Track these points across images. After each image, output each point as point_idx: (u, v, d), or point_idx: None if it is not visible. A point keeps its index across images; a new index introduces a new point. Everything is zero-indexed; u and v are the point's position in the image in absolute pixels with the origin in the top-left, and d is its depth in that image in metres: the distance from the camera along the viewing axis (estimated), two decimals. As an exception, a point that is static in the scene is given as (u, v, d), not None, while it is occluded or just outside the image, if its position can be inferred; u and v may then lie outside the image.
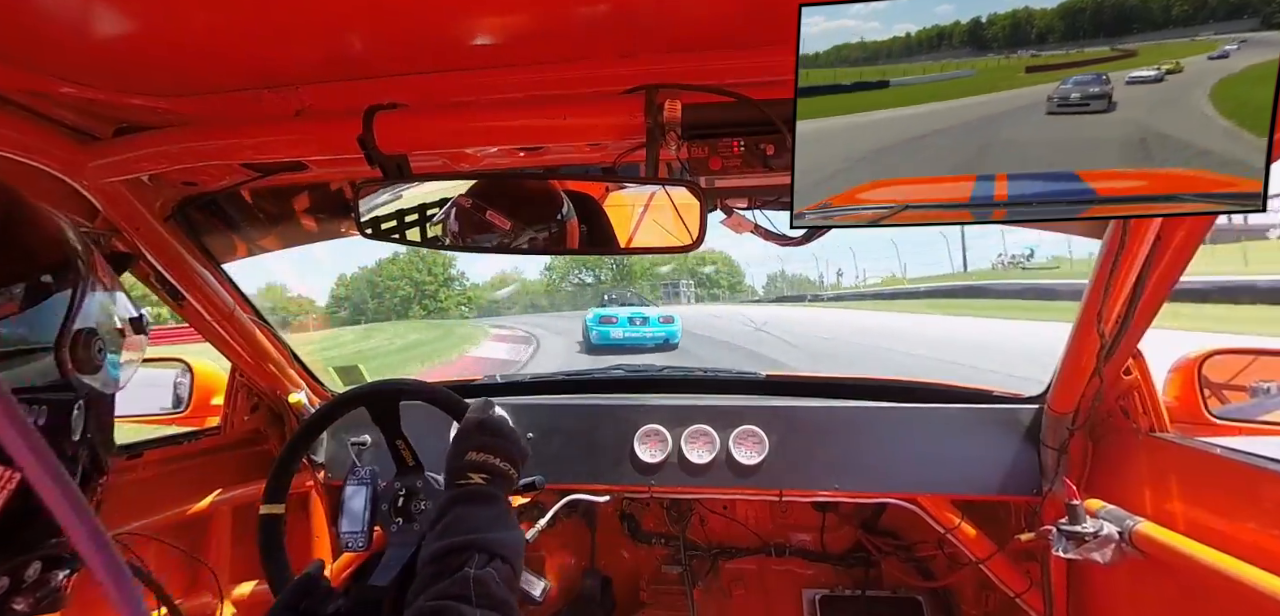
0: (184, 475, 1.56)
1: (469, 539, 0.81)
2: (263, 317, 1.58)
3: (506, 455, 0.96)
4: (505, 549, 0.82)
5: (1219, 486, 1.11)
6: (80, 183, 1.05)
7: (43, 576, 0.62)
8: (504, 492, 0.94)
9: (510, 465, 0.96)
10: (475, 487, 0.91)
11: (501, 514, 0.89)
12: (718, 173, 0.96)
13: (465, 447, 0.95)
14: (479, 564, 0.78)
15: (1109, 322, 1.16)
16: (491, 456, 0.94)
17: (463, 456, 0.94)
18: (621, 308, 16.86)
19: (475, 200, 1.09)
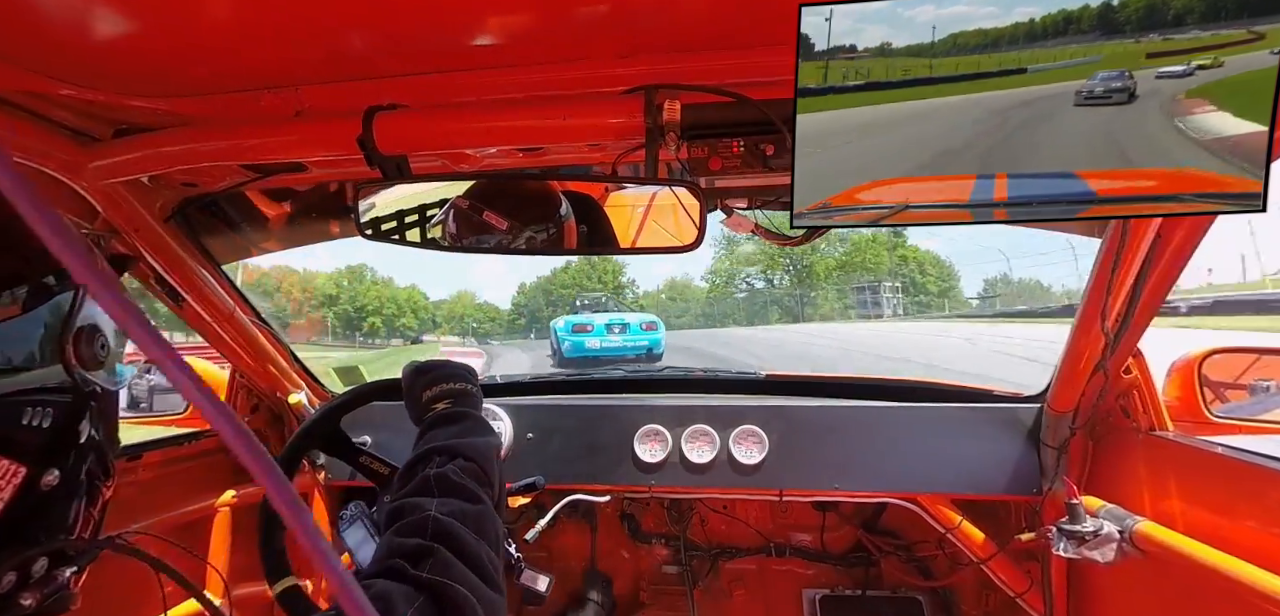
0: (184, 476, 1.56)
1: (432, 447, 0.82)
2: (262, 318, 1.58)
3: (454, 375, 0.95)
4: (468, 449, 0.82)
5: (1219, 485, 1.11)
6: (80, 184, 1.05)
7: (50, 573, 0.62)
8: (471, 407, 0.93)
9: (463, 382, 0.95)
10: (440, 412, 0.91)
11: (469, 425, 0.88)
12: (718, 173, 0.96)
13: (416, 394, 0.95)
14: (438, 464, 0.78)
15: (1109, 322, 1.16)
16: (441, 383, 0.94)
17: (418, 401, 0.94)
18: (596, 313, 14.92)
19: (475, 200, 1.09)
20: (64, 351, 0.60)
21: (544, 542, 1.95)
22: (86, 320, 0.63)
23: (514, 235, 1.05)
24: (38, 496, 0.59)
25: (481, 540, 0.71)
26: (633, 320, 13.99)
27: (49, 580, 0.62)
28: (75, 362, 0.61)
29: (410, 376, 0.99)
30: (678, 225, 1.02)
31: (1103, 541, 1.20)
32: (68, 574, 0.65)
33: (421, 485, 0.76)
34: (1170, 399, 1.52)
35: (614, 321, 13.72)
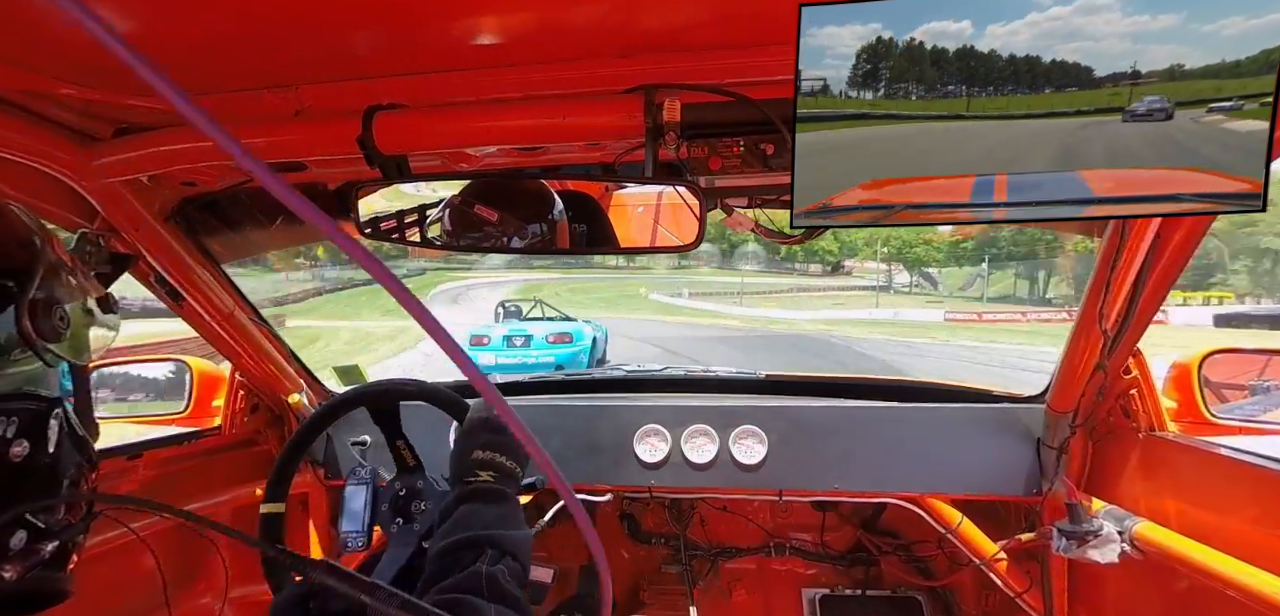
0: (184, 475, 1.56)
1: (480, 535, 0.81)
2: (262, 318, 1.58)
3: (512, 453, 0.96)
4: (515, 546, 0.82)
5: (1219, 486, 1.11)
6: (80, 183, 1.05)
7: (30, 546, 0.63)
8: (511, 490, 0.94)
9: (516, 463, 0.96)
10: (483, 485, 0.91)
11: (510, 511, 0.90)
12: (718, 173, 0.96)
13: (471, 446, 0.95)
14: (491, 560, 0.78)
15: (1109, 322, 1.16)
16: (497, 454, 0.94)
17: (469, 455, 0.94)
18: (505, 323, 12.41)
19: (473, 199, 1.10)
20: (21, 321, 0.62)
21: (544, 542, 1.95)
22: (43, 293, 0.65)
23: (515, 234, 1.06)
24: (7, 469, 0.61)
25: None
26: (539, 331, 11.65)
27: (30, 553, 0.63)
28: (33, 334, 0.63)
29: (479, 422, 0.99)
30: (678, 225, 1.02)
31: (1102, 541, 1.20)
32: (49, 548, 0.65)
33: (472, 581, 0.76)
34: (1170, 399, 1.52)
35: (516, 333, 11.64)
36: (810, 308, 36.99)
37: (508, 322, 12.47)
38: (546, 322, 12.45)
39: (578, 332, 11.72)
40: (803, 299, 42.30)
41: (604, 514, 2.01)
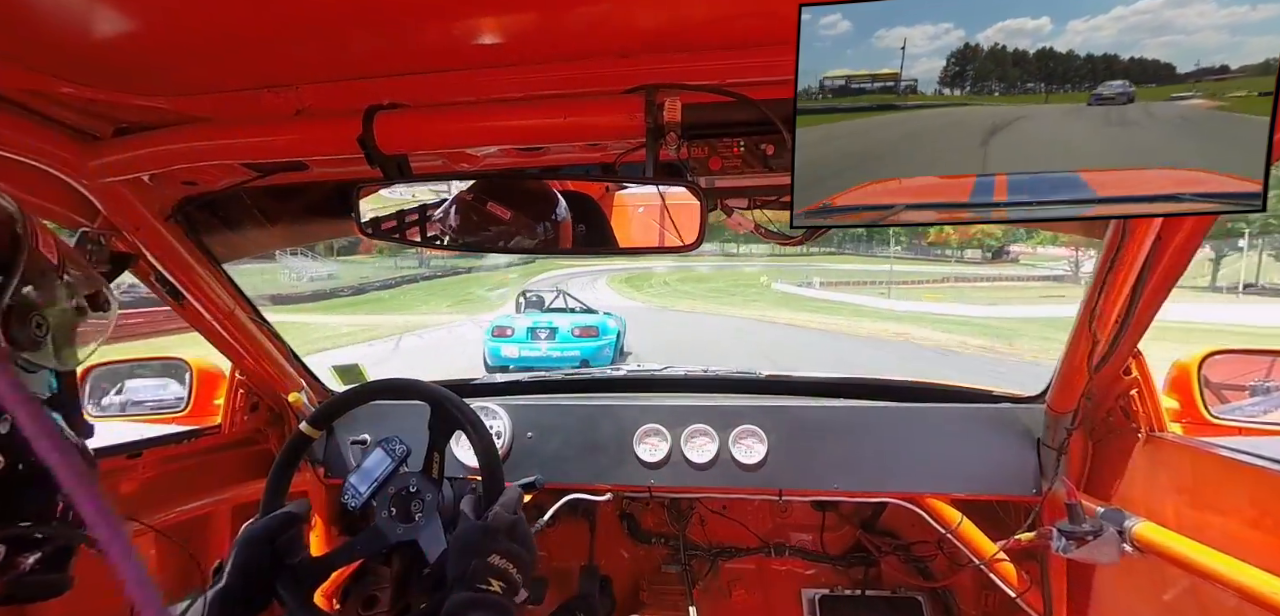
0: (184, 474, 1.56)
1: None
2: (262, 317, 1.58)
3: (523, 567, 0.97)
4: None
5: (1219, 486, 1.11)
6: (80, 182, 1.06)
7: (11, 559, 0.61)
8: (512, 606, 0.94)
9: (523, 579, 0.97)
10: (492, 597, 0.91)
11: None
12: (718, 173, 0.96)
13: (490, 547, 0.95)
14: None
15: (1109, 322, 1.16)
16: (512, 566, 0.95)
17: (486, 556, 0.94)
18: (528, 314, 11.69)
19: (474, 199, 1.10)
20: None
21: (543, 542, 1.95)
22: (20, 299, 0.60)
23: (515, 234, 1.06)
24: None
25: None
26: (564, 324, 10.87)
27: (9, 567, 0.61)
28: (6, 343, 0.59)
29: (505, 527, 1.00)
30: (678, 225, 1.02)
31: (1102, 542, 1.20)
32: (30, 560, 0.63)
33: None
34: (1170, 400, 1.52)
35: (540, 325, 10.88)
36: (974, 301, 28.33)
37: (531, 313, 11.71)
38: (570, 314, 11.65)
39: (603, 326, 11.07)
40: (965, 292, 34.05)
41: (604, 513, 2.01)
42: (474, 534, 0.99)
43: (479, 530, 0.99)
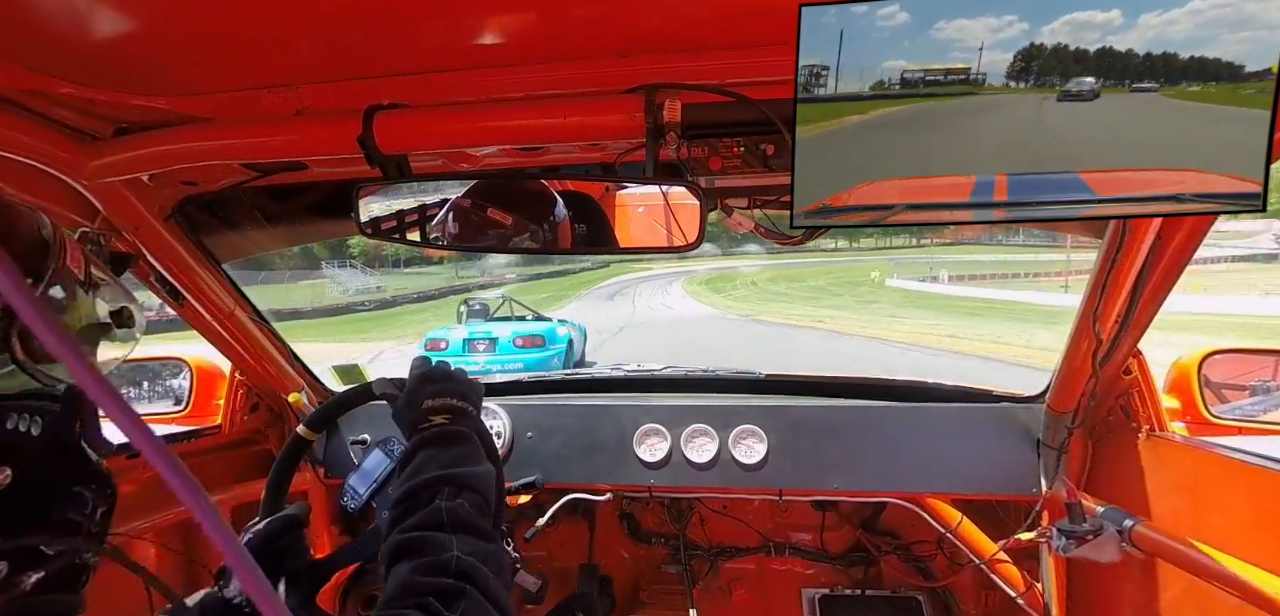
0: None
1: (437, 474, 0.81)
2: (263, 317, 1.58)
3: (461, 394, 0.95)
4: (474, 481, 0.82)
5: (1219, 486, 1.11)
6: (80, 182, 1.05)
7: (11, 578, 0.59)
8: (468, 427, 0.92)
9: (468, 402, 0.95)
10: (438, 427, 0.89)
11: (469, 450, 0.88)
12: (718, 173, 0.96)
13: (419, 399, 0.93)
14: (449, 496, 0.78)
15: (1109, 322, 1.16)
16: (447, 397, 0.93)
17: (418, 406, 0.92)
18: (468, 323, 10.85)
19: (474, 200, 1.10)
20: (10, 344, 0.55)
21: (543, 542, 1.95)
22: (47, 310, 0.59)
23: (515, 234, 1.06)
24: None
25: (500, 581, 0.73)
26: (504, 334, 9.99)
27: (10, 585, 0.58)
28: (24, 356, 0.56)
29: (417, 380, 0.97)
30: (678, 225, 1.02)
31: (1102, 541, 1.20)
32: (32, 579, 0.60)
33: (433, 518, 0.76)
34: (1170, 399, 1.52)
35: (478, 336, 10.03)
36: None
37: (472, 323, 10.84)
38: (516, 323, 10.87)
39: (550, 334, 10.20)
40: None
41: (604, 513, 2.01)
42: (401, 403, 0.97)
43: (405, 397, 0.97)
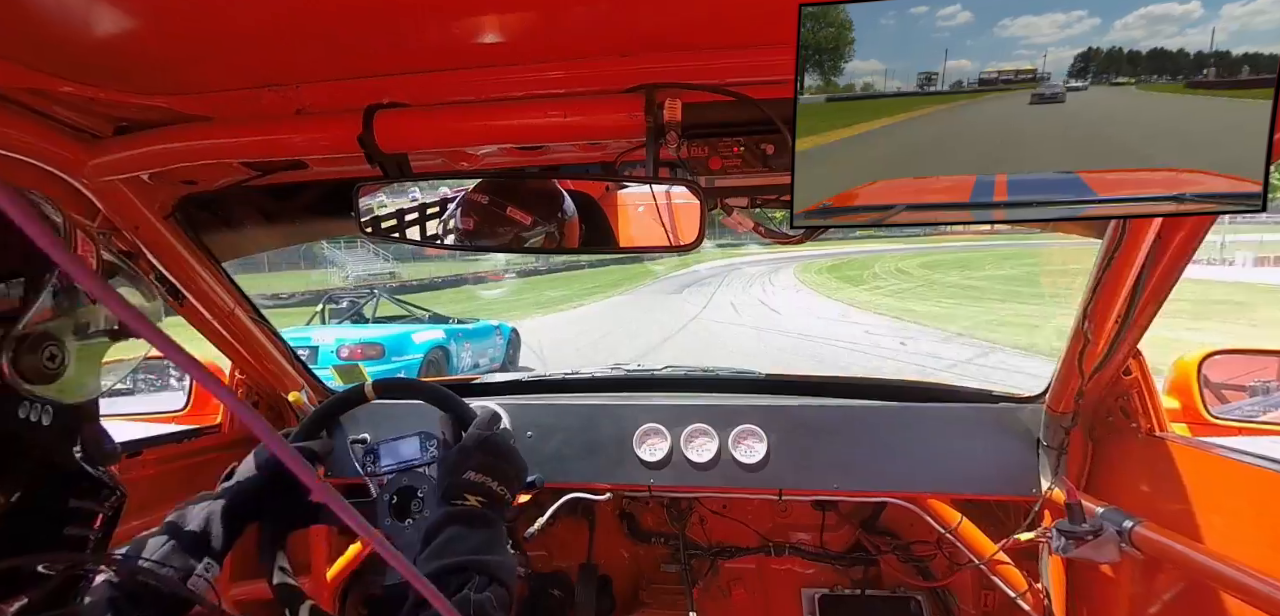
0: (184, 474, 1.56)
1: (467, 561, 0.81)
2: (263, 316, 1.58)
3: (505, 478, 0.96)
4: (502, 573, 0.83)
5: (1219, 486, 1.11)
6: (80, 181, 1.06)
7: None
8: (496, 516, 0.93)
9: (507, 489, 0.96)
10: (471, 509, 0.90)
11: (497, 537, 0.90)
12: (718, 172, 0.97)
13: (466, 465, 0.94)
14: (478, 586, 0.79)
15: (1109, 322, 1.16)
16: (490, 479, 0.94)
17: (462, 474, 0.93)
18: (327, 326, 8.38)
19: (475, 199, 1.10)
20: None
21: (543, 541, 1.95)
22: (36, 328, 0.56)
23: (515, 234, 1.06)
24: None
25: None
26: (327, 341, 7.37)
27: None
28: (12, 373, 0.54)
29: (475, 444, 0.98)
30: (678, 224, 1.02)
31: (1101, 542, 1.20)
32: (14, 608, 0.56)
33: (461, 607, 0.76)
34: (1170, 400, 1.52)
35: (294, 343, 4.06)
36: None
37: (329, 327, 8.37)
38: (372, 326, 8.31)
39: (398, 342, 7.61)
40: None
41: (604, 513, 2.01)
42: (449, 456, 0.99)
43: (453, 451, 0.99)
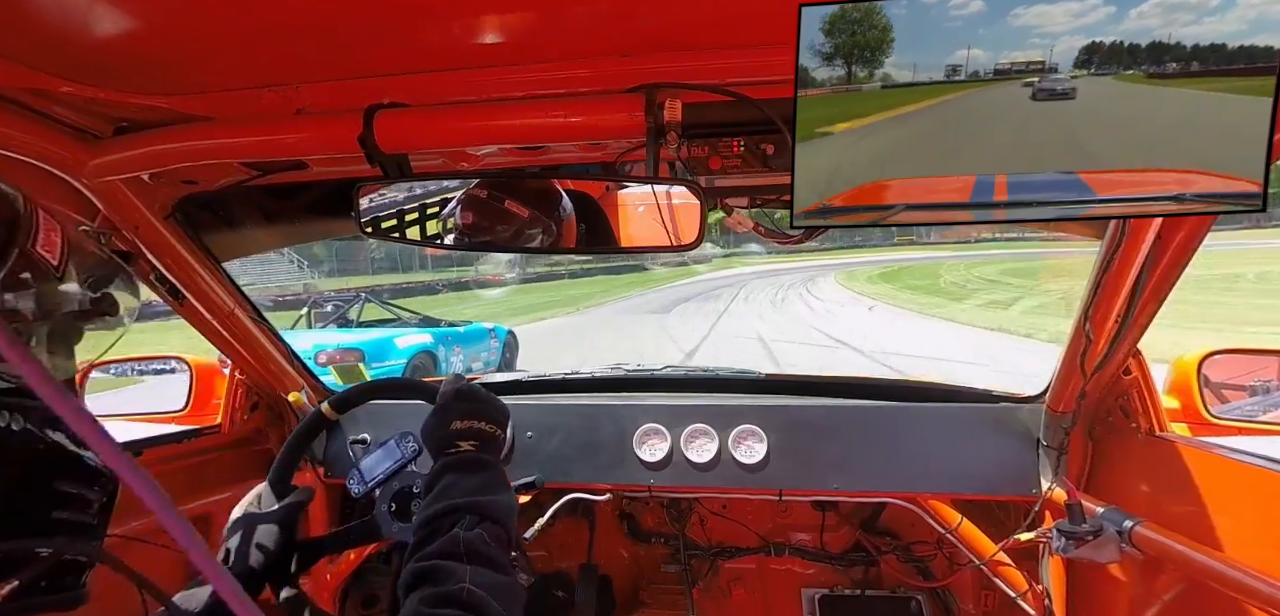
0: (183, 474, 1.56)
1: (459, 502, 0.81)
2: (263, 316, 1.58)
3: (491, 418, 0.95)
4: (496, 510, 0.82)
5: (1219, 486, 1.11)
6: (80, 181, 1.05)
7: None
8: (494, 455, 0.93)
9: (496, 427, 0.95)
10: (464, 454, 0.90)
11: (492, 478, 0.89)
12: (718, 172, 0.97)
13: (448, 418, 0.94)
14: (468, 525, 0.78)
15: (1109, 322, 1.16)
16: (476, 421, 0.93)
17: (447, 426, 0.93)
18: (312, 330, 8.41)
19: (475, 199, 1.10)
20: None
21: (543, 541, 1.95)
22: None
23: (515, 233, 1.06)
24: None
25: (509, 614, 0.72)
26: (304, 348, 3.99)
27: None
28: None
29: (449, 397, 0.97)
30: (678, 224, 1.02)
31: (1102, 542, 1.20)
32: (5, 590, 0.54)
33: (449, 545, 0.76)
34: (1170, 400, 1.52)
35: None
36: None
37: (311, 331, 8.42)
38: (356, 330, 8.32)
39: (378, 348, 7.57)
40: None
41: (603, 513, 2.01)
42: (428, 422, 0.97)
43: (431, 416, 0.97)
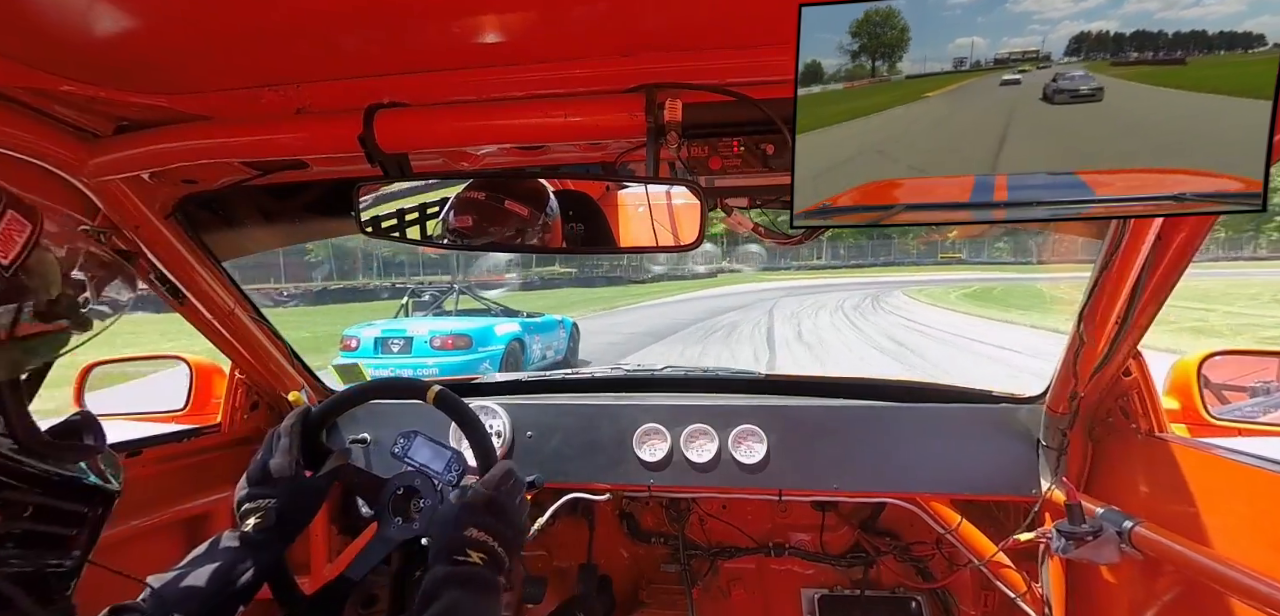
0: (183, 473, 1.56)
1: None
2: (263, 316, 1.58)
3: (506, 541, 0.93)
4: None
5: (1219, 486, 1.11)
6: (81, 180, 1.06)
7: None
8: (496, 579, 0.90)
9: (507, 551, 0.93)
10: (472, 570, 0.87)
11: (490, 605, 0.87)
12: (718, 172, 0.97)
13: (469, 521, 0.91)
14: None
15: (1109, 323, 1.17)
16: (492, 539, 0.91)
17: (464, 528, 0.90)
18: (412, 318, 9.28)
19: (475, 199, 1.10)
20: None
21: (543, 541, 1.95)
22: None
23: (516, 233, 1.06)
24: None
25: None
26: (421, 332, 8.32)
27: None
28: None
29: (483, 501, 0.95)
30: (678, 224, 1.02)
31: (1101, 543, 1.20)
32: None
33: None
34: (1170, 400, 1.52)
35: (392, 334, 8.41)
36: None
37: (414, 319, 9.21)
38: (459, 318, 9.10)
39: (482, 334, 8.33)
40: None
41: (603, 513, 2.01)
42: (450, 509, 0.95)
43: (456, 505, 0.95)
